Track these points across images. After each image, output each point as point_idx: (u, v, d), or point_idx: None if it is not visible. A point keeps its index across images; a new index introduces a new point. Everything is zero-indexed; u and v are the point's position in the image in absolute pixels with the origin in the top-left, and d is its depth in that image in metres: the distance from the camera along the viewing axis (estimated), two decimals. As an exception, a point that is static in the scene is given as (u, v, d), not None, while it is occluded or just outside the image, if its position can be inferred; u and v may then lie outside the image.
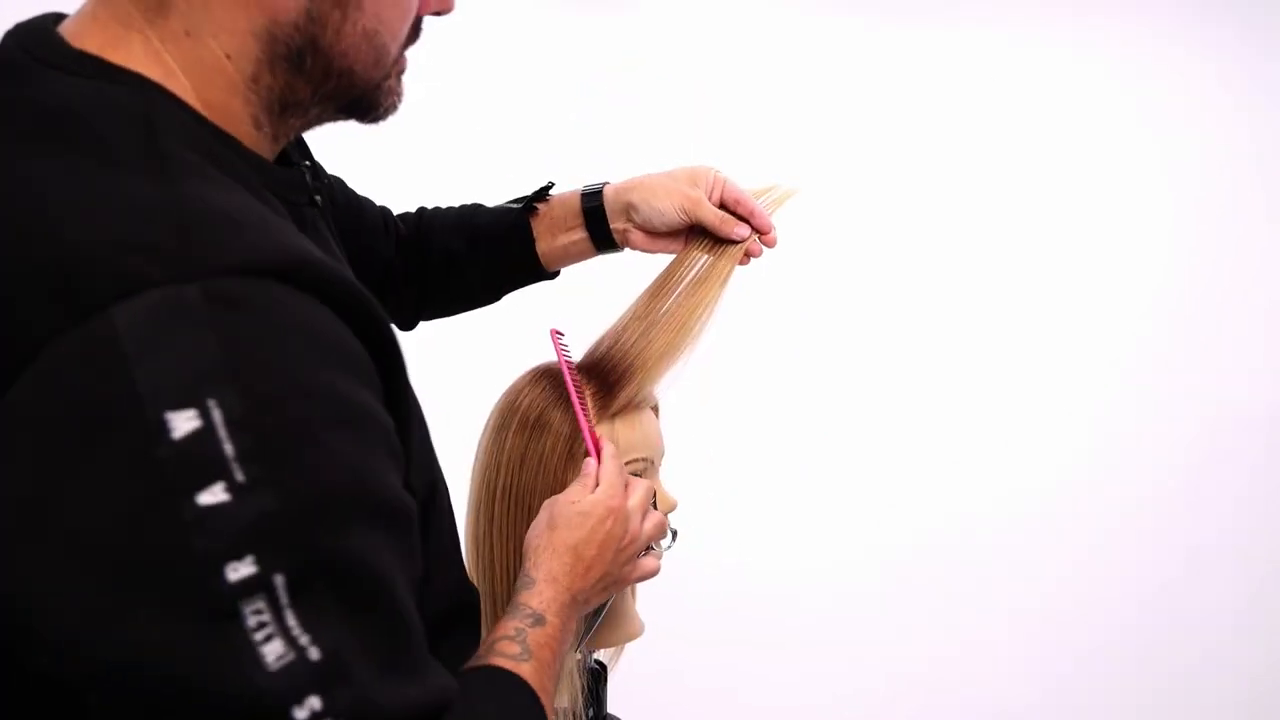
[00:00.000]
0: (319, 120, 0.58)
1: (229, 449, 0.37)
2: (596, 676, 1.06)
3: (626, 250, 0.99)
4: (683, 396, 1.00)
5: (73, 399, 0.37)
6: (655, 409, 1.00)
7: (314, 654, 0.38)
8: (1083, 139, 2.35)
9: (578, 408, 0.88)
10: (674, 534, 0.95)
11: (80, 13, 0.53)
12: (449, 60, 1.82)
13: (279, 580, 0.38)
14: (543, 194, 0.98)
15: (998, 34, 2.33)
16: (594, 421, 0.91)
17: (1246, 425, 2.37)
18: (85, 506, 0.37)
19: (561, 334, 0.95)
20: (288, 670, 0.38)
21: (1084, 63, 2.34)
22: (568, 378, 0.90)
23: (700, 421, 0.91)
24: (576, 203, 0.96)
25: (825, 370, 2.25)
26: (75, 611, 0.37)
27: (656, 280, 0.96)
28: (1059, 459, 2.35)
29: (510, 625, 0.69)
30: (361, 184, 1.01)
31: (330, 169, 0.90)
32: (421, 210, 1.04)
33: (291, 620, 0.38)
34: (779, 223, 0.96)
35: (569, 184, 1.00)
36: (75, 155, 0.44)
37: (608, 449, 0.87)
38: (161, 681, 0.37)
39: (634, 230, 0.95)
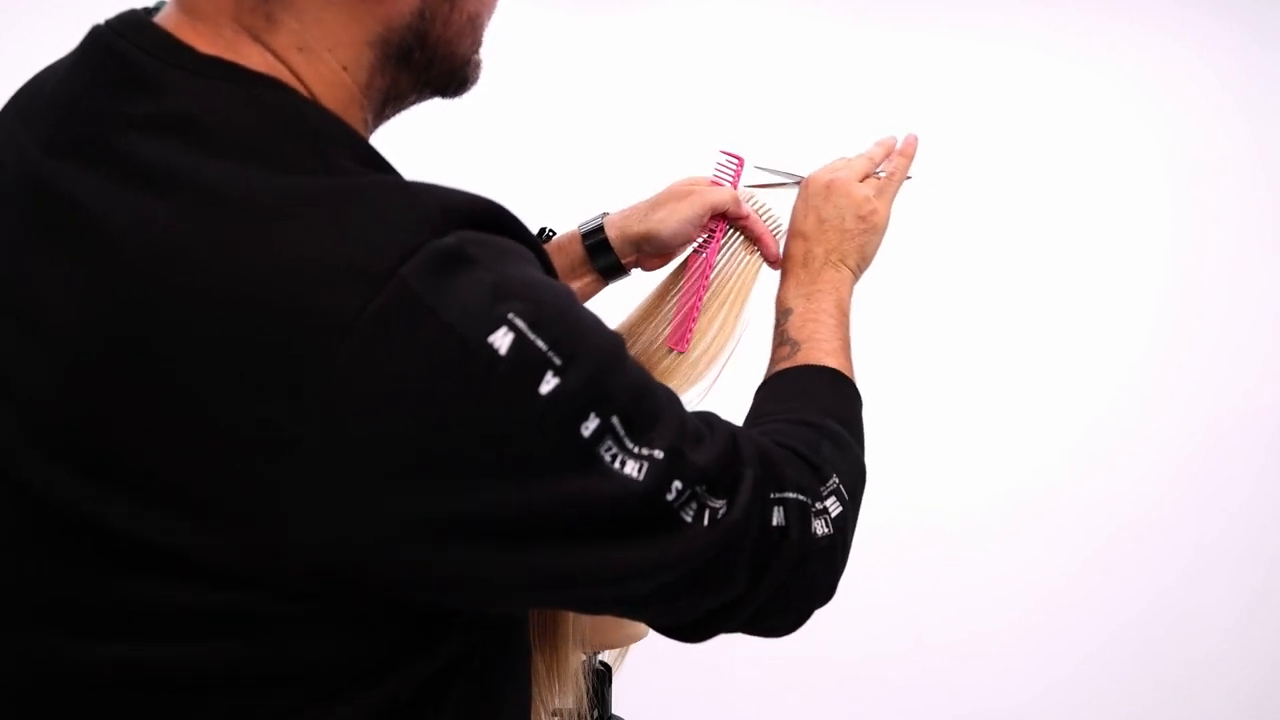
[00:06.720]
0: (410, 105, 0.59)
1: (541, 344, 0.45)
2: (601, 677, 1.06)
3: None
4: (689, 398, 1.00)
5: (404, 352, 0.44)
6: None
7: (658, 455, 0.50)
8: (1083, 138, 2.34)
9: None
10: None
11: (177, 28, 0.50)
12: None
13: (615, 420, 0.48)
14: (543, 239, 0.94)
15: (995, 34, 2.33)
16: None
17: (1250, 424, 2.37)
18: (465, 430, 0.44)
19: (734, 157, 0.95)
20: (650, 474, 0.49)
21: (1082, 63, 2.34)
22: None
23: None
24: (578, 246, 0.92)
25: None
26: (494, 503, 0.46)
27: (664, 283, 0.95)
28: (1060, 459, 2.35)
29: (776, 334, 0.82)
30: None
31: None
32: None
33: (631, 444, 0.49)
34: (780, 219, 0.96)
35: (567, 184, 0.99)
36: (278, 164, 0.47)
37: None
38: (582, 518, 0.48)
39: (645, 257, 0.92)
